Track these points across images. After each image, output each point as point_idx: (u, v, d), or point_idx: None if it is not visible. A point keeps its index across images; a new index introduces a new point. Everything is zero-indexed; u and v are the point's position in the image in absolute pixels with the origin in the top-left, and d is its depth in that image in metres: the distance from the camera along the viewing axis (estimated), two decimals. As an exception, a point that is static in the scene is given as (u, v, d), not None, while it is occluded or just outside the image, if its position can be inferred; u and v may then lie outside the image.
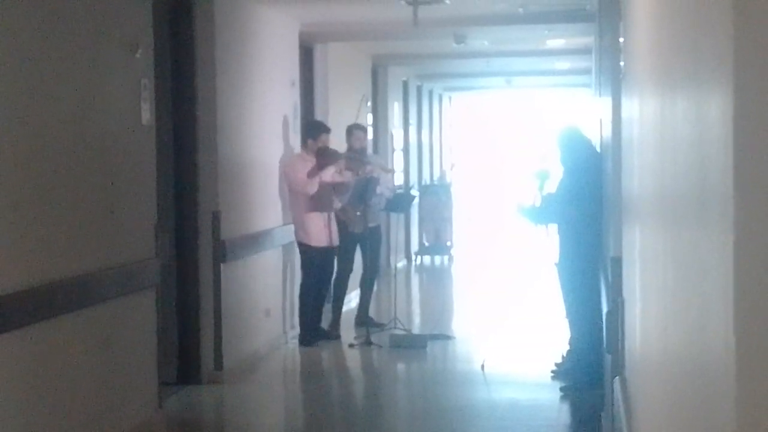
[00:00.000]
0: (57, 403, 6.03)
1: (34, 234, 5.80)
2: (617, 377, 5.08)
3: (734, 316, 1.48)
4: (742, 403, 1.47)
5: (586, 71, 17.76)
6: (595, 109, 11.08)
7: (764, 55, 1.45)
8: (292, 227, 10.66)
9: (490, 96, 28.52)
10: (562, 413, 8.22)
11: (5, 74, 5.54)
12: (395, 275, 12.67)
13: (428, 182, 20.78)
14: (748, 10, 1.46)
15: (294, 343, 10.75)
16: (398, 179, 17.57)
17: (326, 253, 10.66)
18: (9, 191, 5.56)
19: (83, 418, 6.35)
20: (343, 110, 13.25)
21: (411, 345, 10.51)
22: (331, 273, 11.01)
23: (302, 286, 10.72)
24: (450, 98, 26.12)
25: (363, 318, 11.34)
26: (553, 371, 9.08)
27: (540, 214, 9.15)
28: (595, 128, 9.94)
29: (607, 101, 6.84)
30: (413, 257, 18.76)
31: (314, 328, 10.75)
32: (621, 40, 5.62)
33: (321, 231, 10.56)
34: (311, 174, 10.49)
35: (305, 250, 10.58)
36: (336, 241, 10.71)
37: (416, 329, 11.52)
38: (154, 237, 7.47)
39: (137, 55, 7.19)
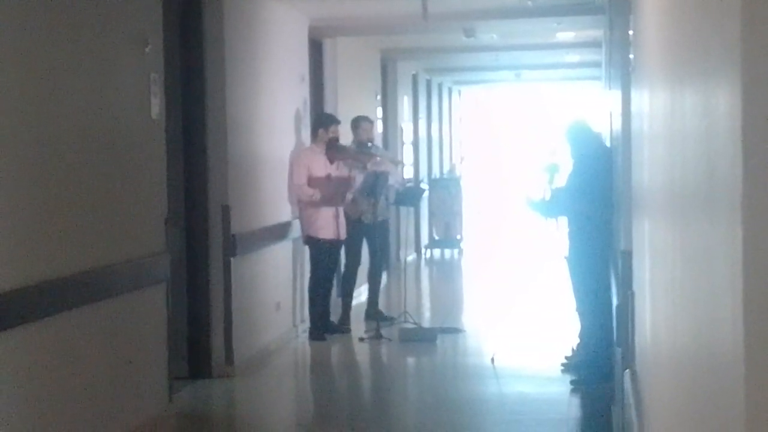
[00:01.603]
0: (67, 397, 6.04)
1: (43, 229, 5.81)
2: (627, 370, 5.08)
3: (743, 309, 1.48)
4: (751, 395, 1.47)
5: (596, 64, 17.74)
6: (605, 102, 11.07)
7: (772, 49, 1.45)
8: (299, 221, 10.66)
9: (500, 89, 28.49)
10: (572, 406, 8.22)
11: (14, 69, 5.55)
12: (405, 269, 12.68)
13: (438, 176, 20.77)
14: (756, 4, 1.46)
15: (304, 336, 10.76)
16: (408, 173, 17.57)
17: (333, 246, 10.68)
18: (18, 186, 5.57)
19: (94, 413, 6.37)
20: (353, 104, 13.25)
21: (421, 339, 10.52)
22: (336, 266, 11.01)
23: (311, 279, 10.74)
24: (459, 92, 26.10)
25: (373, 312, 11.35)
26: (563, 364, 9.08)
27: (549, 208, 9.14)
28: (605, 121, 9.94)
29: (616, 94, 6.84)
30: (423, 251, 18.76)
31: (324, 322, 10.76)
32: (631, 32, 5.61)
33: (329, 223, 10.57)
34: (314, 184, 10.43)
35: (314, 243, 10.60)
36: (343, 235, 10.73)
37: (426, 323, 11.53)
38: (164, 231, 7.48)
39: (147, 50, 7.19)
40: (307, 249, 10.86)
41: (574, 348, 9.11)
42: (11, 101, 5.49)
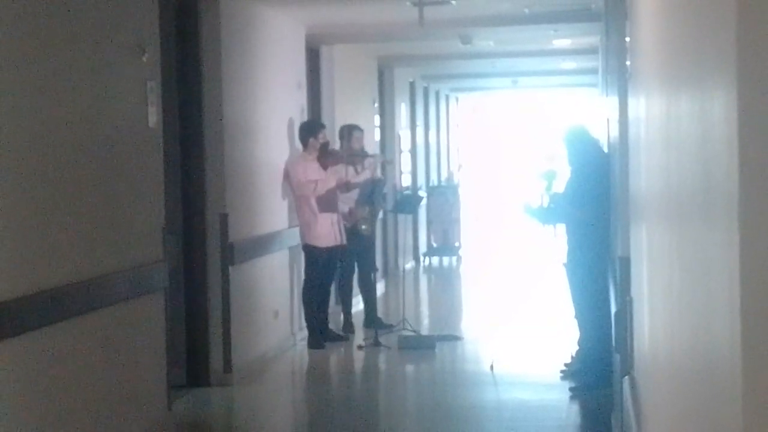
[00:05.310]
0: (66, 406, 6.04)
1: (41, 238, 5.81)
2: (626, 377, 5.08)
3: (740, 315, 1.48)
4: (748, 400, 1.47)
5: (593, 71, 17.75)
6: (602, 109, 11.07)
7: (767, 55, 1.45)
8: (297, 229, 10.64)
9: (497, 96, 28.51)
10: (572, 413, 8.22)
11: (13, 77, 5.55)
12: (403, 276, 12.68)
13: (436, 183, 20.77)
14: (751, 10, 1.46)
15: (302, 344, 10.75)
16: (406, 180, 17.58)
17: (333, 252, 10.66)
18: (15, 195, 5.57)
19: (92, 421, 6.36)
20: (350, 112, 13.25)
21: (420, 346, 10.51)
22: (335, 273, 10.99)
23: (305, 287, 10.69)
24: (457, 99, 26.11)
25: (371, 319, 11.35)
26: (562, 371, 9.07)
27: (548, 214, 9.14)
28: (603, 128, 9.94)
29: (613, 101, 6.84)
30: (421, 258, 18.75)
31: (322, 330, 10.75)
32: (627, 39, 5.62)
33: (329, 231, 10.56)
34: (315, 174, 10.48)
35: (311, 251, 10.57)
36: (343, 240, 10.73)
37: (425, 330, 11.52)
38: (162, 240, 7.48)
39: (144, 59, 7.20)
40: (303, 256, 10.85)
41: (573, 355, 9.10)
42: (8, 110, 5.49)
